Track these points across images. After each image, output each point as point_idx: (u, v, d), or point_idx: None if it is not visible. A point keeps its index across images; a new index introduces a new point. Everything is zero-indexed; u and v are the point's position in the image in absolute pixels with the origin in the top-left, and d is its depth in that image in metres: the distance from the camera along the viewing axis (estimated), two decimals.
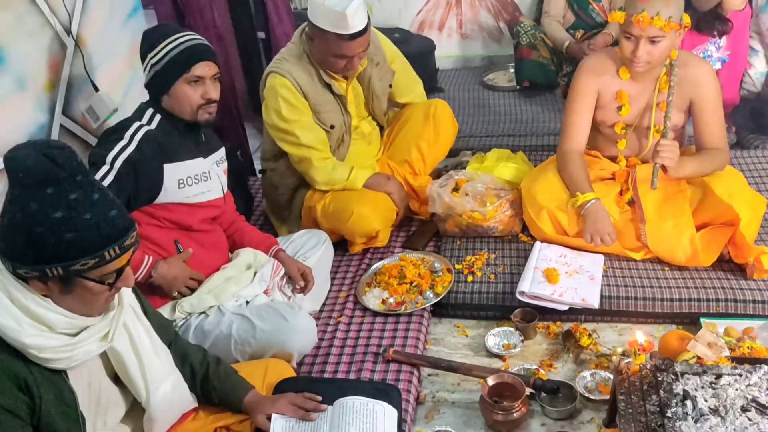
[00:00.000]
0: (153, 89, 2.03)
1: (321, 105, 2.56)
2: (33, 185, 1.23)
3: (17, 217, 1.24)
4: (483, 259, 2.52)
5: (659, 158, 2.30)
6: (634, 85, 2.45)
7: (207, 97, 2.00)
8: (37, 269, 1.26)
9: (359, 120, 2.75)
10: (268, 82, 2.52)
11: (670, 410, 1.55)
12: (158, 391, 1.54)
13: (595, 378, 2.05)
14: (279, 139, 2.57)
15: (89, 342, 1.37)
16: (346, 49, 2.41)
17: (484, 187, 2.67)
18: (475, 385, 2.07)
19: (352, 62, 2.48)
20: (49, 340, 1.30)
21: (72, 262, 1.26)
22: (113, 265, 1.32)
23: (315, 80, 2.54)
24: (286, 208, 2.79)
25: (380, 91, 2.75)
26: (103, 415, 1.49)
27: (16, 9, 1.99)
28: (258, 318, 2.05)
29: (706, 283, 2.28)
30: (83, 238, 1.25)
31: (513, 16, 4.49)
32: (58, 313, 1.31)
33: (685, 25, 2.29)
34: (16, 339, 1.26)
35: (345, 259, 2.66)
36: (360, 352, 2.17)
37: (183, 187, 2.03)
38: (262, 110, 2.60)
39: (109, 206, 1.30)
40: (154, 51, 1.96)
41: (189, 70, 1.96)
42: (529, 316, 2.28)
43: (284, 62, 2.53)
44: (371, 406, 1.71)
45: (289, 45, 2.61)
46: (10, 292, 1.28)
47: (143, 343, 1.53)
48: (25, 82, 2.03)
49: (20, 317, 1.27)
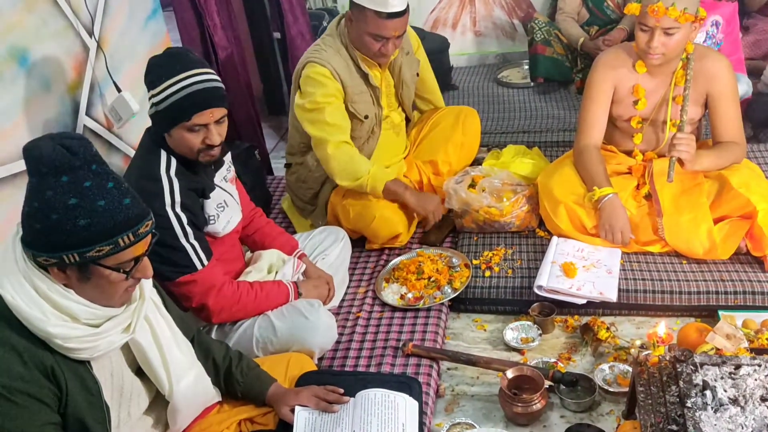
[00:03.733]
0: (154, 126, 1.92)
1: (357, 95, 2.57)
2: (49, 173, 1.26)
3: (35, 206, 1.28)
4: (500, 255, 2.54)
5: (675, 152, 2.30)
6: (651, 79, 2.45)
7: (208, 143, 1.86)
8: (55, 256, 1.28)
9: (389, 110, 2.77)
10: (306, 71, 2.51)
11: (689, 400, 1.56)
12: (181, 383, 1.57)
13: (613, 370, 2.06)
14: (304, 119, 2.55)
15: (112, 333, 1.39)
16: (384, 28, 2.41)
17: (500, 183, 2.69)
18: (494, 379, 2.09)
19: (386, 45, 2.47)
20: (73, 330, 1.32)
21: (87, 248, 1.28)
22: (128, 252, 1.34)
23: (352, 70, 2.56)
24: (311, 202, 2.81)
25: (410, 80, 2.78)
26: (127, 406, 1.52)
27: (40, 12, 2.03)
28: (279, 317, 2.08)
29: (724, 276, 2.28)
30: (97, 225, 1.28)
31: (527, 13, 4.49)
32: (80, 303, 1.34)
33: (701, 17, 2.29)
34: (41, 329, 1.29)
35: (363, 255, 2.69)
36: (380, 347, 2.20)
37: (213, 223, 2.02)
38: (293, 97, 2.60)
39: (124, 194, 1.32)
40: (155, 90, 1.81)
41: (189, 119, 1.81)
42: (546, 310, 2.29)
43: (322, 52, 2.52)
44: (393, 398, 1.73)
45: (325, 36, 2.60)
46: (34, 283, 1.30)
47: (165, 335, 1.56)
48: (49, 84, 2.07)
49: (45, 307, 1.30)
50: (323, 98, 2.49)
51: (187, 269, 1.91)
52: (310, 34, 3.74)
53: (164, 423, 1.63)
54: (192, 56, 1.88)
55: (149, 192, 1.84)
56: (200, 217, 1.97)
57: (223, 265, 2.07)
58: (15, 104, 1.93)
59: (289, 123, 2.78)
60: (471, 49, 4.76)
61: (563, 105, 3.86)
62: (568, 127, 3.52)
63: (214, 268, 1.97)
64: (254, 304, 2.06)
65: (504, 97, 4.10)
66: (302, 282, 2.23)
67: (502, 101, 4.05)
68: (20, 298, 1.29)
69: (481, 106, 3.98)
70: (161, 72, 1.81)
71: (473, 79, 4.45)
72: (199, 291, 1.94)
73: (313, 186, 2.76)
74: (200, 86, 1.80)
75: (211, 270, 1.95)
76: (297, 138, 2.73)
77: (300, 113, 2.57)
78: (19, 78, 1.94)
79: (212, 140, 1.86)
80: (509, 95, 4.12)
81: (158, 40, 2.67)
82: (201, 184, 1.97)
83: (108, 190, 1.30)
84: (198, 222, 1.95)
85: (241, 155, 3.01)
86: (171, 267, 1.88)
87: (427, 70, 2.96)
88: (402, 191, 2.58)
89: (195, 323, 1.99)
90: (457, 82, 4.39)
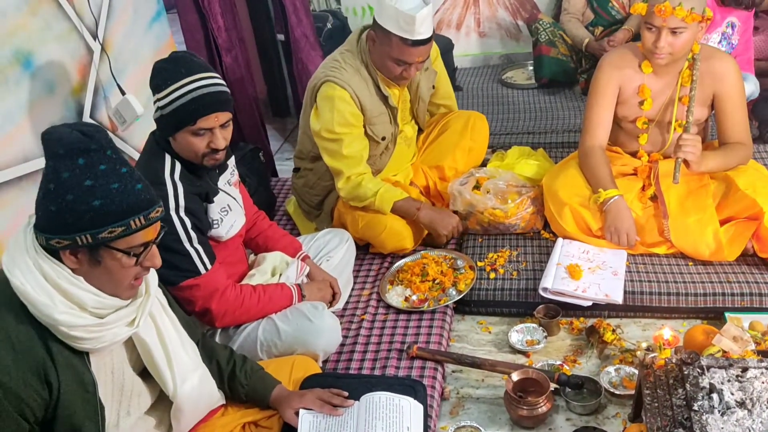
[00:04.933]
0: (159, 129, 1.91)
1: (376, 117, 2.54)
2: (66, 156, 1.29)
3: (51, 187, 1.30)
4: (505, 256, 2.53)
5: (681, 153, 2.29)
6: (657, 79, 2.44)
7: (213, 147, 1.86)
8: (68, 238, 1.31)
9: (403, 124, 2.75)
10: (325, 90, 2.45)
11: (696, 403, 1.55)
12: (185, 384, 1.57)
13: (619, 373, 2.05)
14: (321, 147, 2.54)
15: (117, 325, 1.41)
16: (408, 54, 2.37)
17: (505, 185, 2.68)
18: (499, 381, 2.08)
19: (409, 70, 2.44)
20: (79, 318, 1.34)
21: (100, 229, 1.31)
22: (139, 236, 1.36)
23: (372, 92, 2.52)
24: (317, 207, 2.81)
25: (426, 95, 2.77)
26: (127, 404, 1.51)
27: (43, 15, 2.04)
28: (283, 320, 2.07)
29: (730, 277, 2.27)
30: (110, 206, 1.31)
31: (531, 14, 4.48)
32: (89, 291, 1.35)
33: (708, 17, 2.28)
34: (48, 315, 1.30)
35: (368, 258, 2.68)
36: (384, 349, 2.19)
37: (217, 227, 2.02)
38: (308, 110, 2.57)
39: (136, 180, 1.36)
40: (161, 93, 1.80)
41: (194, 123, 1.81)
42: (552, 312, 2.28)
43: (342, 71, 2.46)
44: (397, 401, 1.72)
45: (343, 51, 2.54)
46: (43, 270, 1.32)
47: (170, 335, 1.57)
48: (53, 87, 2.07)
49: (53, 294, 1.32)
50: (340, 128, 2.45)
51: (191, 273, 1.90)
52: (314, 35, 3.73)
53: (167, 425, 1.63)
54: (197, 60, 1.88)
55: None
56: (204, 222, 1.96)
57: (227, 268, 2.07)
58: (19, 107, 1.94)
59: (300, 129, 2.74)
60: (475, 50, 4.75)
61: (568, 106, 3.85)
62: (572, 128, 3.51)
63: (218, 272, 1.96)
64: (257, 308, 2.05)
65: (508, 98, 4.09)
66: (306, 284, 2.23)
67: (507, 102, 4.04)
68: (29, 284, 1.31)
69: (486, 107, 3.98)
70: (166, 76, 1.81)
71: (477, 80, 4.44)
72: (202, 295, 1.94)
73: (320, 192, 2.76)
74: (205, 90, 1.80)
75: (214, 274, 1.94)
76: (308, 145, 2.70)
77: (317, 140, 2.54)
78: (23, 81, 1.95)
79: (217, 144, 1.86)
80: (514, 96, 4.12)
81: (162, 42, 2.67)
82: (205, 188, 1.97)
83: (122, 175, 1.33)
84: (202, 226, 1.94)
85: (245, 157, 3.01)
86: (174, 271, 1.88)
87: (444, 78, 2.92)
88: (414, 211, 2.54)
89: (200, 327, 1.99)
90: (462, 83, 4.38)
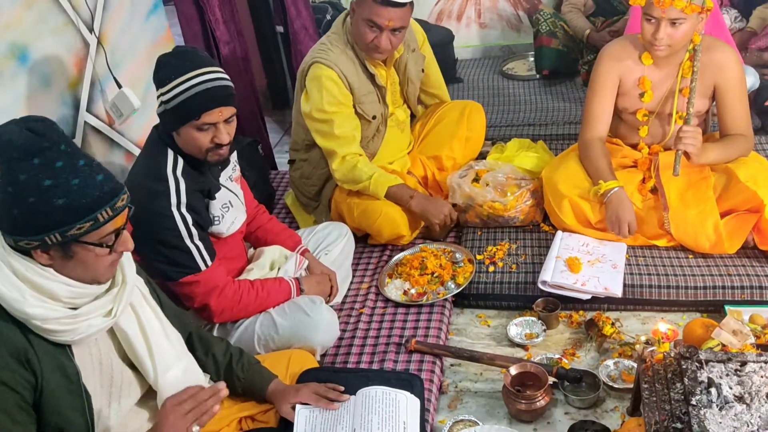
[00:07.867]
0: (163, 124, 1.90)
1: (364, 96, 2.55)
2: (20, 158, 1.27)
3: (9, 191, 1.28)
4: (504, 249, 2.52)
5: (681, 145, 2.27)
6: (657, 71, 2.42)
7: (217, 142, 1.85)
8: (37, 239, 1.29)
9: (395, 108, 2.75)
10: (313, 71, 2.47)
11: (694, 398, 1.54)
12: (168, 374, 1.53)
13: (618, 367, 2.04)
14: (313, 129, 2.55)
15: (92, 316, 1.38)
16: (377, 15, 2.34)
17: (504, 177, 2.67)
18: (498, 375, 2.08)
19: (380, 37, 2.40)
20: (52, 311, 1.32)
21: (68, 227, 1.29)
22: (108, 227, 1.34)
23: (359, 70, 2.53)
24: (315, 198, 2.80)
25: (415, 76, 2.76)
26: (118, 393, 1.49)
27: (39, 8, 2.02)
28: (280, 314, 2.07)
29: (730, 270, 2.26)
30: (74, 203, 1.28)
31: (532, 5, 4.46)
32: (60, 282, 1.33)
33: (708, 8, 2.26)
34: (19, 309, 1.29)
35: (366, 251, 2.67)
36: (383, 343, 2.19)
37: (218, 224, 2.01)
38: (299, 97, 2.58)
39: (96, 171, 1.33)
40: (164, 88, 1.80)
41: (198, 117, 1.80)
42: (551, 305, 2.27)
43: (329, 52, 2.48)
44: (394, 395, 1.72)
45: (330, 35, 2.56)
46: (11, 265, 1.30)
47: (152, 325, 1.54)
48: (49, 81, 2.06)
49: (23, 288, 1.30)
50: (330, 107, 2.46)
51: (191, 270, 1.90)
52: (314, 27, 3.72)
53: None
54: (202, 55, 1.87)
55: (155, 191, 1.84)
56: (205, 218, 1.96)
57: (226, 262, 2.06)
58: (15, 102, 1.93)
59: (293, 119, 2.76)
60: (476, 41, 4.73)
61: (569, 97, 3.83)
62: (573, 120, 3.49)
63: (217, 268, 1.96)
64: (256, 303, 2.05)
65: (509, 90, 4.07)
66: (305, 278, 2.22)
67: (507, 94, 4.02)
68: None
69: (486, 98, 3.96)
70: (171, 70, 1.80)
71: (478, 72, 4.42)
72: (201, 292, 1.93)
73: (316, 182, 2.75)
74: (210, 85, 1.79)
75: (214, 271, 1.94)
76: (301, 134, 2.72)
77: (309, 122, 2.55)
78: (19, 75, 1.94)
79: (221, 139, 1.85)
80: (514, 88, 4.10)
81: (159, 35, 2.65)
82: (207, 184, 1.96)
83: (80, 168, 1.30)
84: (203, 223, 1.94)
85: (244, 150, 3.00)
86: (174, 267, 1.88)
87: (433, 65, 2.93)
88: (406, 199, 2.53)
89: (196, 322, 1.99)
90: (462, 74, 4.37)
